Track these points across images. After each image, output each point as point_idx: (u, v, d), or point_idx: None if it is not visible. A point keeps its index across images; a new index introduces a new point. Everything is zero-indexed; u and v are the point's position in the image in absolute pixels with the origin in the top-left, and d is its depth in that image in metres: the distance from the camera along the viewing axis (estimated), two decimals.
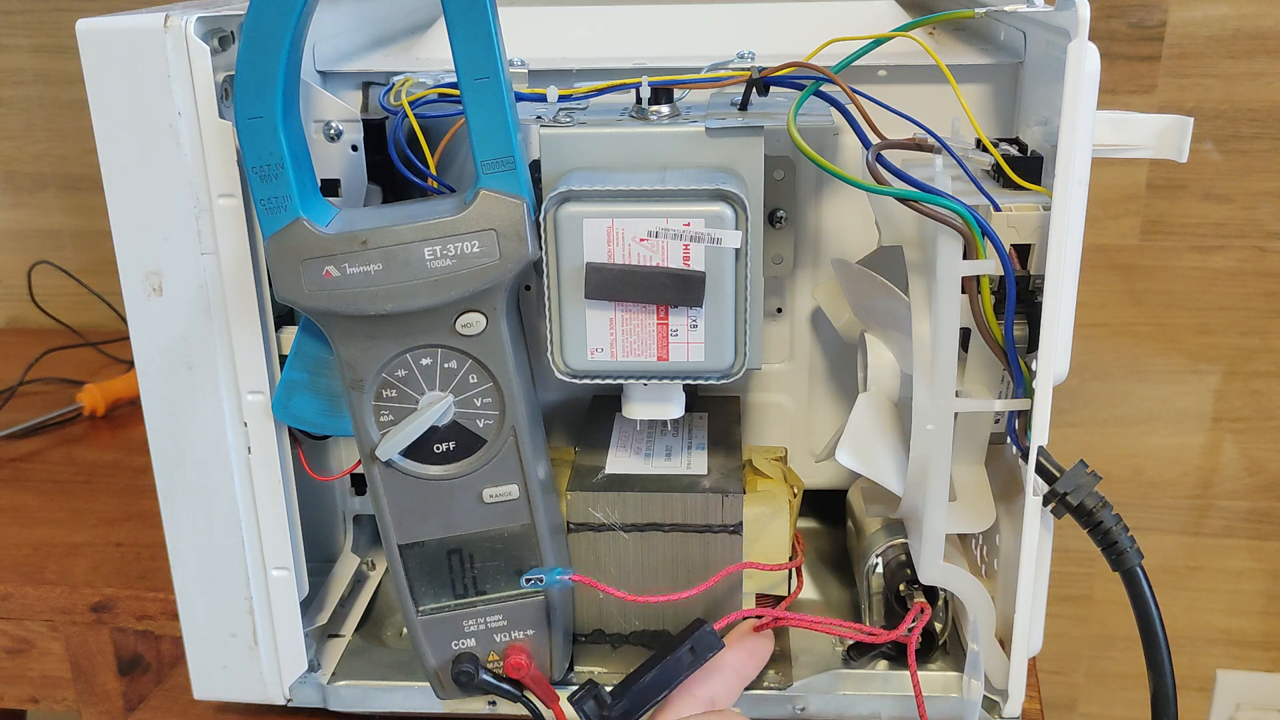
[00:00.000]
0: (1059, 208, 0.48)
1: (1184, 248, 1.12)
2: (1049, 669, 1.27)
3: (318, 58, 0.59)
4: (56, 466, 0.97)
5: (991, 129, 0.60)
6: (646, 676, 0.48)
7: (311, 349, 0.54)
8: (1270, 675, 1.25)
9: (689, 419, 0.64)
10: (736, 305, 0.51)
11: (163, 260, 0.53)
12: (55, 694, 0.81)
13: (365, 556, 0.69)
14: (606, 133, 0.52)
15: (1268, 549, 1.21)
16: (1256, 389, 1.16)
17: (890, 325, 0.56)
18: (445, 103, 0.55)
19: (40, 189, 1.26)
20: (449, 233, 0.49)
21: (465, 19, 0.46)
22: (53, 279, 1.27)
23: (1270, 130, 1.07)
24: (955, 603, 0.59)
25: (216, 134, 0.50)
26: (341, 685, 0.60)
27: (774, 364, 0.67)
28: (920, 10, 0.65)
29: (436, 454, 0.53)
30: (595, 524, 0.58)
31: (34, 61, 1.21)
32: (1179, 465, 1.19)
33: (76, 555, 0.82)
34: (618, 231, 0.49)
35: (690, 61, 0.56)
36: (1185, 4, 1.05)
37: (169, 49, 0.49)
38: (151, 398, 0.55)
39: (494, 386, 0.52)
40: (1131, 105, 1.07)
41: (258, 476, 0.56)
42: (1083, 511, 0.50)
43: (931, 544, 0.54)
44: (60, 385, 1.12)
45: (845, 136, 0.60)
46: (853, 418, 0.57)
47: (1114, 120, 0.50)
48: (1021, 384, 0.51)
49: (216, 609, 0.58)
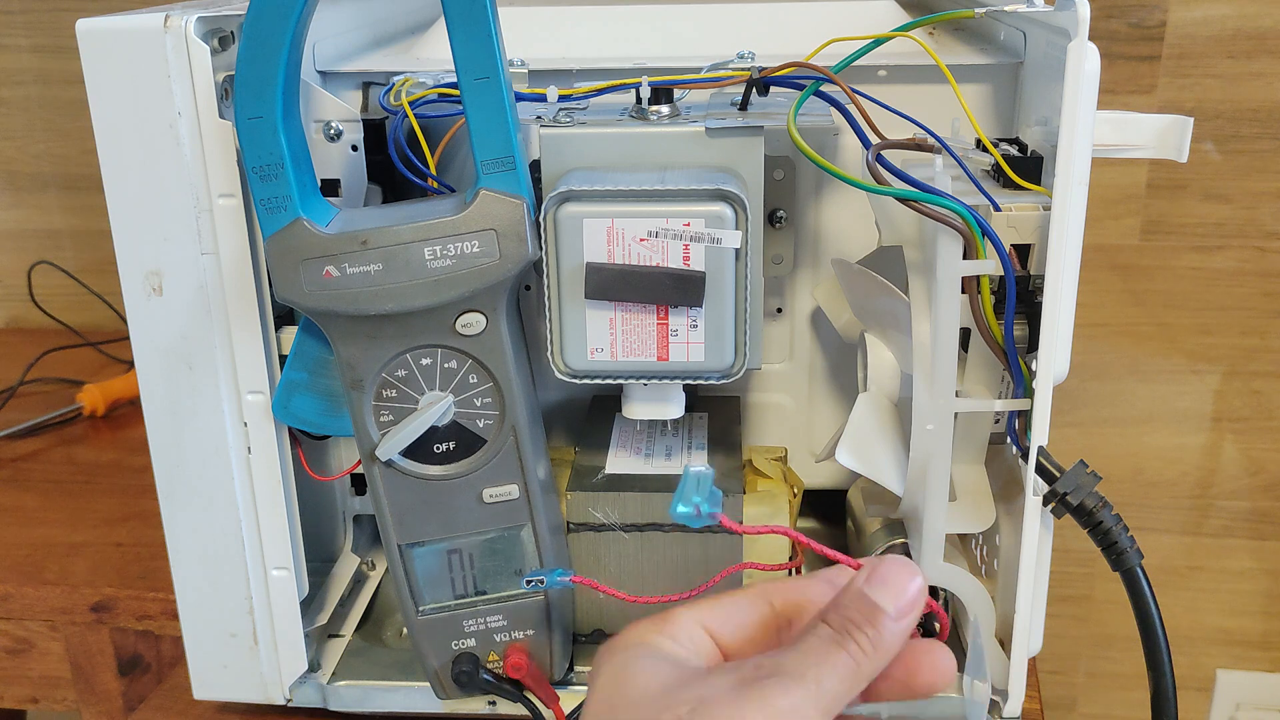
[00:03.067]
0: (1059, 208, 0.48)
1: (1184, 248, 1.12)
2: (1049, 669, 1.27)
3: (318, 58, 0.59)
4: (56, 466, 0.97)
5: (991, 129, 0.60)
6: None
7: (311, 349, 0.54)
8: (1270, 675, 1.25)
9: (689, 419, 0.64)
10: (736, 305, 0.51)
11: (163, 260, 0.53)
12: (55, 694, 0.81)
13: (365, 556, 0.69)
14: (606, 133, 0.52)
15: (1268, 549, 1.21)
16: (1256, 389, 1.16)
17: (890, 325, 0.56)
18: (445, 103, 0.55)
19: (40, 189, 1.26)
20: (449, 233, 0.49)
21: (465, 19, 0.46)
22: (53, 279, 1.27)
23: (1270, 130, 1.07)
24: (955, 603, 0.59)
25: (216, 134, 0.50)
26: (341, 685, 0.60)
27: (774, 364, 0.67)
28: (920, 10, 0.65)
29: (436, 454, 0.53)
30: (595, 524, 0.58)
31: (34, 61, 1.21)
32: (1179, 465, 1.19)
33: (76, 555, 0.82)
34: (618, 231, 0.49)
35: (690, 61, 0.56)
36: (1185, 4, 1.05)
37: (169, 49, 0.49)
38: (151, 398, 0.55)
39: (494, 386, 0.52)
40: (1131, 105, 1.07)
41: (258, 476, 0.56)
42: (1083, 511, 0.50)
43: (931, 544, 0.54)
44: (60, 385, 1.12)
45: (845, 136, 0.60)
46: (853, 418, 0.57)
47: (1114, 120, 0.50)
48: (1021, 384, 0.51)
49: (216, 609, 0.58)
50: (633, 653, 0.40)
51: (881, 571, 0.40)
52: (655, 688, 0.38)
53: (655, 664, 0.39)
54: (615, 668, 0.40)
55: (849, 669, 0.38)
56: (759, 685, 0.37)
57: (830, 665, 0.38)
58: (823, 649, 0.38)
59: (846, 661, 0.38)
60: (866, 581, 0.40)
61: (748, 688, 0.37)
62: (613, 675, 0.40)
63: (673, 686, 0.38)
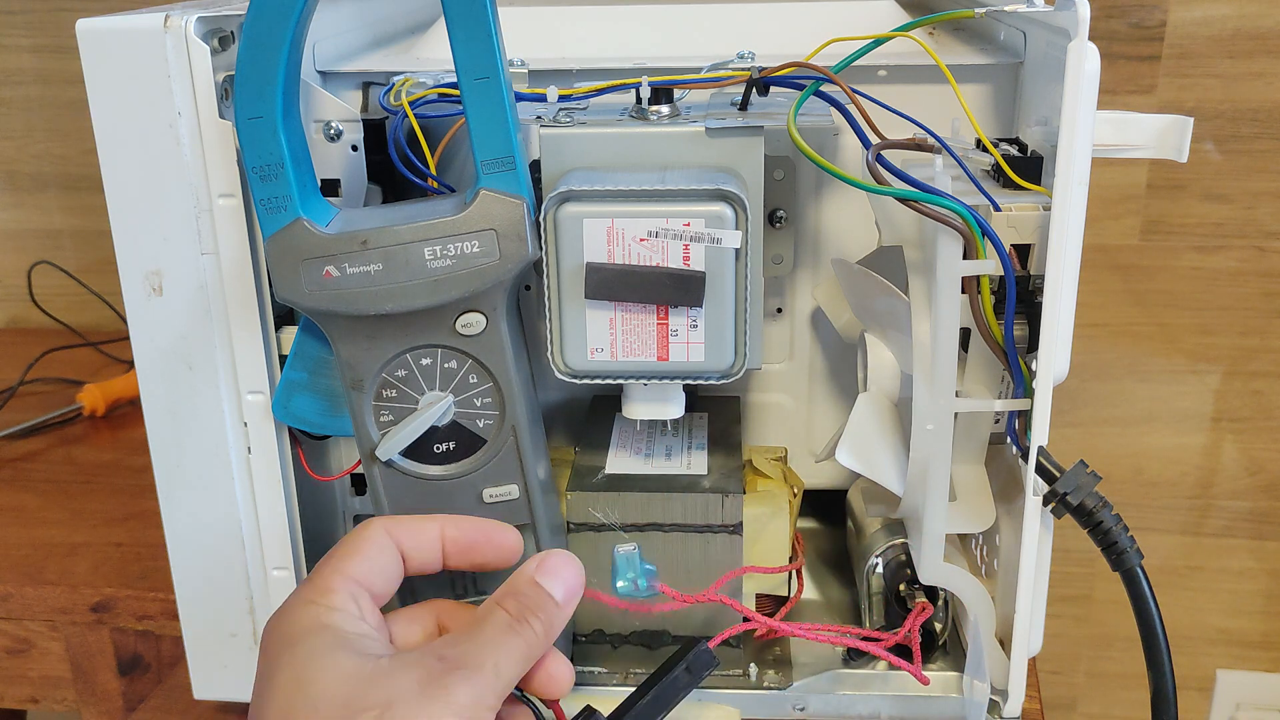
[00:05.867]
0: (1059, 208, 0.48)
1: (1184, 248, 1.12)
2: (1049, 669, 1.27)
3: (318, 58, 0.59)
4: (56, 466, 0.97)
5: (991, 129, 0.60)
6: (644, 699, 0.48)
7: (311, 349, 0.54)
8: (1270, 675, 1.25)
9: (689, 419, 0.64)
10: (736, 305, 0.51)
11: (163, 260, 0.53)
12: (55, 694, 0.81)
13: None
14: (606, 133, 0.52)
15: (1268, 549, 1.21)
16: (1256, 389, 1.16)
17: (890, 325, 0.56)
18: (445, 103, 0.55)
19: (40, 189, 1.26)
20: (449, 233, 0.49)
21: (465, 19, 0.46)
22: (53, 279, 1.27)
23: (1270, 130, 1.07)
24: (955, 603, 0.59)
25: (216, 134, 0.50)
26: None
27: (774, 364, 0.67)
28: (920, 10, 0.65)
29: (436, 454, 0.53)
30: (595, 524, 0.58)
31: (34, 61, 1.21)
32: (1179, 465, 1.19)
33: (76, 555, 0.82)
34: (618, 231, 0.49)
35: (690, 61, 0.56)
36: (1185, 4, 1.05)
37: (169, 49, 0.49)
38: (151, 398, 0.55)
39: (494, 386, 0.52)
40: (1131, 105, 1.07)
41: (258, 476, 0.56)
42: (1083, 511, 0.50)
43: (931, 544, 0.54)
44: (60, 385, 1.12)
45: (845, 136, 0.60)
46: (853, 418, 0.57)
47: (1114, 120, 0.50)
48: (1021, 384, 0.51)
49: (216, 609, 0.58)
50: (310, 645, 0.42)
51: (551, 563, 0.45)
52: (340, 688, 0.40)
53: (335, 659, 0.41)
54: (295, 664, 0.41)
55: (523, 652, 0.43)
56: (442, 682, 0.40)
57: (506, 651, 0.42)
58: (500, 636, 0.43)
59: (521, 646, 0.43)
60: (537, 571, 0.45)
61: (433, 685, 0.40)
62: (295, 672, 0.41)
63: (358, 686, 0.40)
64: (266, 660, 0.42)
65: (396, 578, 0.46)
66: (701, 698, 0.58)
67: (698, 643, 0.49)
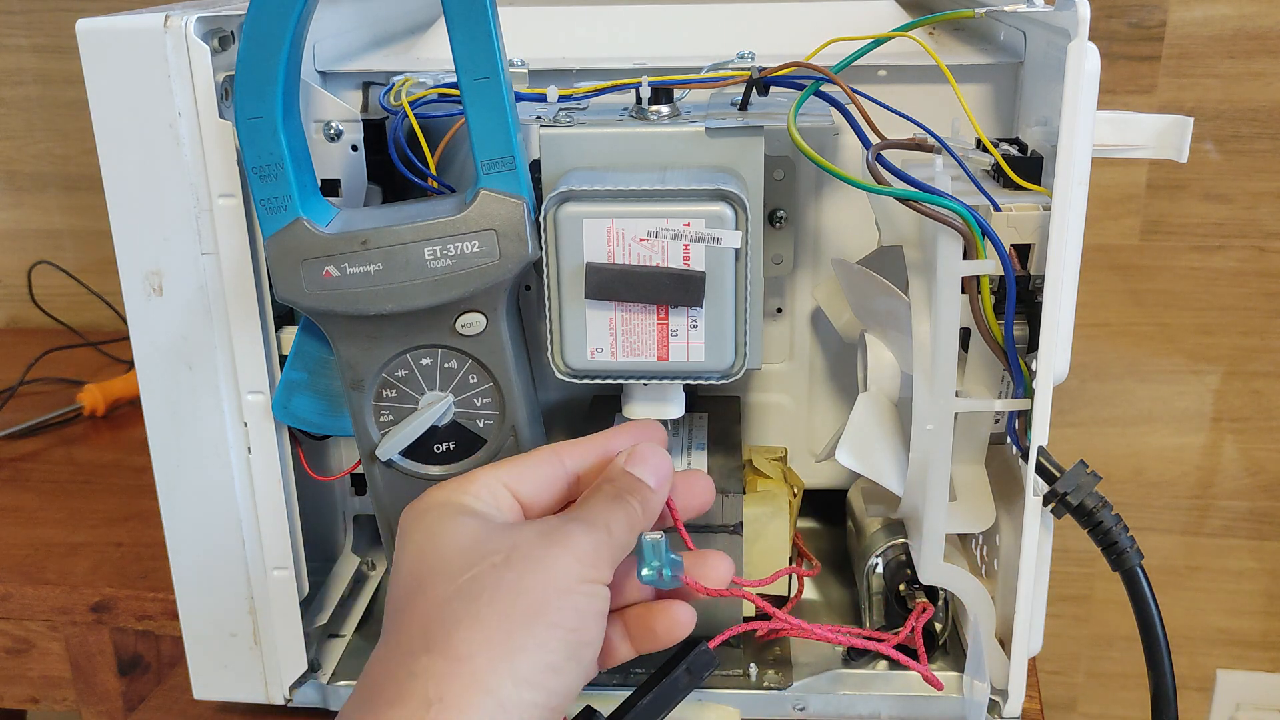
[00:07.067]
0: (1059, 208, 0.48)
1: (1184, 248, 1.12)
2: (1049, 669, 1.27)
3: (318, 58, 0.59)
4: (56, 466, 0.97)
5: (991, 129, 0.60)
6: (644, 699, 0.48)
7: (311, 349, 0.54)
8: (1270, 675, 1.25)
9: (689, 419, 0.64)
10: (736, 305, 0.51)
11: (163, 260, 0.53)
12: (55, 694, 0.81)
13: (365, 556, 0.69)
14: (606, 133, 0.52)
15: (1268, 549, 1.21)
16: (1256, 389, 1.16)
17: (890, 325, 0.56)
18: (445, 103, 0.55)
19: (40, 189, 1.26)
20: (449, 233, 0.49)
21: (465, 19, 0.46)
22: (53, 279, 1.27)
23: (1270, 130, 1.07)
24: (955, 603, 0.59)
25: (216, 134, 0.50)
26: (342, 685, 0.60)
27: (774, 364, 0.67)
28: (920, 10, 0.65)
29: (436, 454, 0.53)
30: None
31: (34, 61, 1.21)
32: (1179, 465, 1.19)
33: (76, 555, 0.82)
34: (618, 231, 0.49)
35: (690, 61, 0.56)
36: (1185, 4, 1.05)
37: (169, 49, 0.49)
38: (151, 398, 0.55)
39: (494, 386, 0.52)
40: (1131, 105, 1.07)
41: (258, 476, 0.56)
42: (1083, 511, 0.50)
43: (931, 544, 0.54)
44: (60, 385, 1.12)
45: (845, 136, 0.60)
46: (853, 418, 0.57)
47: (1114, 120, 0.50)
48: (1021, 384, 0.51)
49: (216, 609, 0.58)
50: (440, 512, 0.45)
51: (640, 452, 0.48)
52: (467, 541, 0.43)
53: (463, 521, 0.44)
54: (425, 528, 0.44)
55: (631, 520, 0.46)
56: (563, 529, 0.44)
57: (616, 516, 0.45)
58: (609, 503, 0.46)
59: (630, 513, 0.46)
60: (628, 461, 0.48)
61: (554, 533, 0.43)
62: (424, 534, 0.44)
63: (483, 539, 0.43)
64: (401, 533, 0.46)
65: (554, 489, 0.48)
66: (701, 698, 0.58)
67: (698, 643, 0.49)
